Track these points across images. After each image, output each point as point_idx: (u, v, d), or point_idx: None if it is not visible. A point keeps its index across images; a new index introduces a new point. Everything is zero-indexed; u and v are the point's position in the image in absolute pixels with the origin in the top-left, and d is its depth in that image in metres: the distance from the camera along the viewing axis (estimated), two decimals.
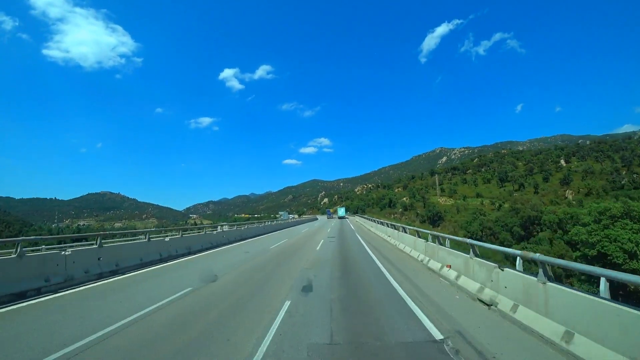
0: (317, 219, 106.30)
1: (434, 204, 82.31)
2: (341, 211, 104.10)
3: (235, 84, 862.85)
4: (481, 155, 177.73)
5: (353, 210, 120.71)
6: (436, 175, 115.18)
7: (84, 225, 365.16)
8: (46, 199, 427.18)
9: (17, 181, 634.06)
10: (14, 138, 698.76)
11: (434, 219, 75.19)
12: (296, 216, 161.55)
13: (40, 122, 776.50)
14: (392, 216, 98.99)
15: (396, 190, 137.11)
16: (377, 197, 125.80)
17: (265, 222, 38.47)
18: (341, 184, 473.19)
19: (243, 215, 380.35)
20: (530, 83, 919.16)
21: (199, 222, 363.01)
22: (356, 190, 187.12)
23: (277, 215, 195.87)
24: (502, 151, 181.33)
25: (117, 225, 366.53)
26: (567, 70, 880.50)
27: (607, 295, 4.68)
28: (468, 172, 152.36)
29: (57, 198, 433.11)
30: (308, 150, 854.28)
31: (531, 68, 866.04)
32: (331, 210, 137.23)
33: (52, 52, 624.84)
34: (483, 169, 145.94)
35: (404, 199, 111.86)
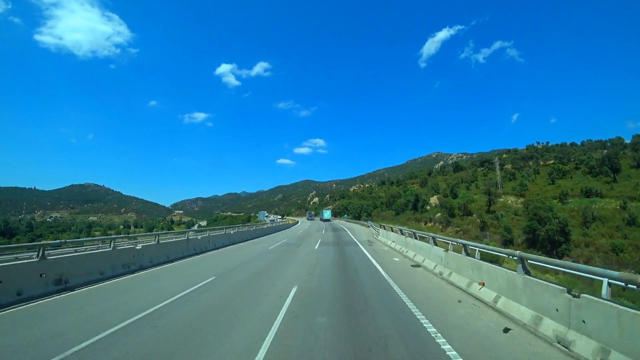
0: (297, 223, 72.70)
1: (544, 206, 36.38)
2: (327, 213, 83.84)
3: (232, 80, 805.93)
4: (511, 150, 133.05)
5: (354, 213, 74.59)
6: (496, 163, 68.35)
7: (53, 217, 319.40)
8: (25, 188, 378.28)
9: (5, 169, 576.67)
10: (4, 126, 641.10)
11: (552, 239, 29.27)
12: (279, 218, 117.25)
13: (29, 111, 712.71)
14: (424, 224, 53.30)
15: (412, 186, 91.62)
16: (387, 196, 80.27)
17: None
18: (334, 185, 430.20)
19: (229, 213, 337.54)
20: (527, 93, 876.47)
21: (177, 220, 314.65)
22: (351, 189, 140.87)
23: (255, 216, 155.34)
24: (538, 145, 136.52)
25: (92, 218, 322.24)
26: (563, 82, 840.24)
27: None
28: (506, 166, 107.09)
29: (36, 188, 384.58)
30: (302, 150, 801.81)
31: (529, 78, 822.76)
32: (312, 212, 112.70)
33: (45, 37, 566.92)
34: (531, 162, 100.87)
35: (434, 198, 66.19)
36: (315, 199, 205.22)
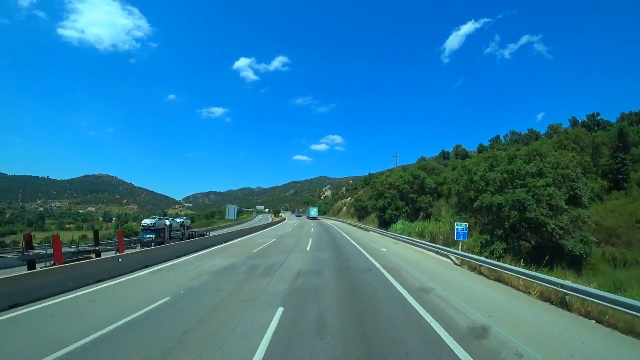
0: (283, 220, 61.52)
1: None
2: (313, 211, 72.74)
3: (250, 75, 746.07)
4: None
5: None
6: None
7: (51, 206, 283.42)
8: (37, 177, 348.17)
9: (24, 159, 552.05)
10: (26, 117, 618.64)
11: None
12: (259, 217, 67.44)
13: (52, 104, 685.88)
14: None
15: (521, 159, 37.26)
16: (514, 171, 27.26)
17: None
18: (350, 182, 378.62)
19: (243, 208, 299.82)
20: (554, 91, 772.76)
21: (172, 213, 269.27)
22: (385, 172, 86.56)
23: (249, 212, 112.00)
24: None
25: (90, 209, 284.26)
26: (593, 80, 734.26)
27: None
28: None
29: (49, 177, 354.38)
30: (319, 147, 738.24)
31: (557, 76, 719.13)
32: (301, 209, 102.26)
33: (67, 31, 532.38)
34: None
35: None
36: (328, 192, 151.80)
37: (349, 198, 75.73)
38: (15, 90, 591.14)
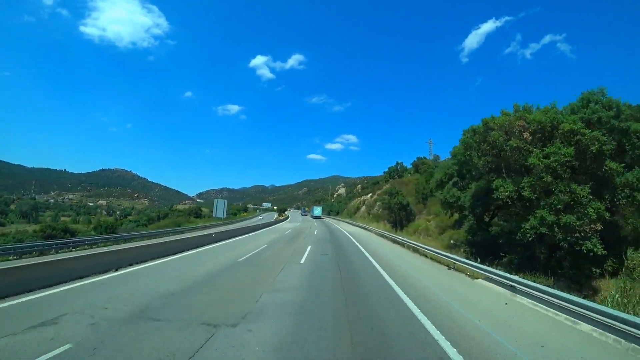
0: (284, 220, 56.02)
1: None
2: (317, 210, 70.83)
3: (266, 73, 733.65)
4: None
5: None
6: None
7: (66, 199, 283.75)
8: (55, 170, 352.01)
9: (45, 152, 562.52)
10: (49, 112, 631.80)
11: None
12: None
13: (75, 99, 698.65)
14: None
15: None
16: None
17: None
18: (365, 181, 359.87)
19: (250, 205, 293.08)
20: (576, 92, 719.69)
21: (178, 208, 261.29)
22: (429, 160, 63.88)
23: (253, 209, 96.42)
24: None
25: (101, 202, 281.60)
26: (616, 81, 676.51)
27: None
28: None
29: (66, 170, 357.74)
30: (334, 146, 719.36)
31: (580, 77, 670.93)
32: (306, 209, 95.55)
33: (89, 29, 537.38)
34: None
35: None
36: (342, 190, 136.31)
37: (370, 195, 58.71)
38: (39, 86, 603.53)
